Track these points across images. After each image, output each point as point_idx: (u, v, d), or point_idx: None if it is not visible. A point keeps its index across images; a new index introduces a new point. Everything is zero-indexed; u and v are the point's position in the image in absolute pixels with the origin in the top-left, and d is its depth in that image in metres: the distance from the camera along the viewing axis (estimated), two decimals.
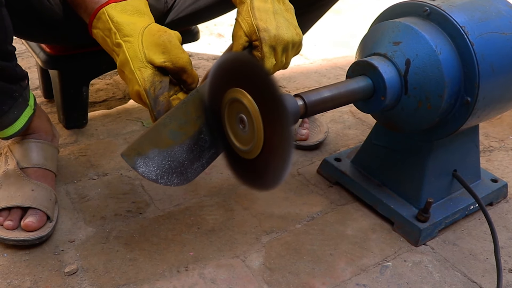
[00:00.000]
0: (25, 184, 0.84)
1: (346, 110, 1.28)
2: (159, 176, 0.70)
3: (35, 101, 0.89)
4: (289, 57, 0.80)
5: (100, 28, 0.72)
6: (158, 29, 0.71)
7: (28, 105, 0.85)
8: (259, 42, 0.74)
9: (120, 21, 0.70)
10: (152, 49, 0.69)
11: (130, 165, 0.69)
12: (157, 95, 0.70)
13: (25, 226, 0.80)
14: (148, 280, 0.77)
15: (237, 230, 0.88)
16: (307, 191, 0.99)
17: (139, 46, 0.69)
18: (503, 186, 0.98)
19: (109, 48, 0.72)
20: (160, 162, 0.70)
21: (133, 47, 0.69)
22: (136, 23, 0.71)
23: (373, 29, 0.83)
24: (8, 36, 0.74)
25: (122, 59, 0.70)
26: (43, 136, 0.91)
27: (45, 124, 0.93)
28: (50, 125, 0.95)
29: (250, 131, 0.65)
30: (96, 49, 1.05)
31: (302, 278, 0.79)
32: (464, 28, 0.76)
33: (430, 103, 0.77)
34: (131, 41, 0.69)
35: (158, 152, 0.70)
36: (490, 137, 1.21)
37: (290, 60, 0.81)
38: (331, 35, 1.80)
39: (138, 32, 0.70)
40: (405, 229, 0.88)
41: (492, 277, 0.81)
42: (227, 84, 0.67)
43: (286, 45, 0.76)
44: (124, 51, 0.69)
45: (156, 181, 0.69)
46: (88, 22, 0.74)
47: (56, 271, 0.77)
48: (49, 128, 0.94)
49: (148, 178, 0.69)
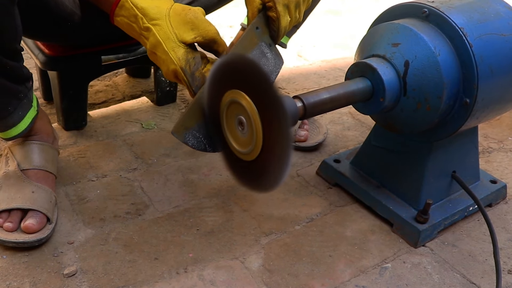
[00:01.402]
0: (25, 185, 0.84)
1: (346, 112, 1.28)
2: (207, 145, 0.76)
3: (38, 102, 0.89)
4: (301, 12, 0.83)
5: (125, 15, 0.75)
6: (182, 8, 0.74)
7: (32, 106, 0.85)
8: (272, 3, 0.77)
9: (145, 6, 0.73)
10: (181, 28, 0.73)
11: (180, 140, 0.74)
12: (193, 71, 0.74)
13: (25, 228, 0.79)
14: (147, 281, 0.77)
15: (236, 231, 0.88)
16: (306, 192, 0.99)
17: (169, 27, 0.73)
18: (502, 187, 0.99)
19: (137, 33, 0.76)
20: (206, 133, 0.75)
21: (163, 29, 0.73)
22: (160, 6, 0.74)
23: (372, 31, 0.83)
24: (18, 35, 0.75)
25: (153, 41, 0.73)
26: (45, 138, 0.91)
27: (46, 126, 0.93)
28: (51, 127, 0.95)
29: (249, 133, 0.65)
30: (95, 50, 1.05)
31: (301, 280, 0.79)
32: (463, 29, 0.76)
33: (429, 105, 0.77)
34: (159, 23, 0.73)
35: (202, 124, 0.75)
36: (489, 138, 1.22)
37: (303, 14, 0.84)
38: (331, 36, 1.80)
39: (164, 14, 0.73)
40: (404, 230, 0.88)
41: (491, 278, 0.81)
42: (226, 86, 0.67)
43: (298, 1, 0.80)
44: (155, 34, 0.73)
45: (205, 150, 0.75)
46: (109, 12, 0.76)
47: (55, 273, 0.77)
48: (50, 130, 0.94)
49: (198, 149, 0.75)
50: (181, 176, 1.01)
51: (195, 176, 1.01)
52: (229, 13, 1.11)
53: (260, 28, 0.80)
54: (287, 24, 0.80)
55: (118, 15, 0.76)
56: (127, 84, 1.36)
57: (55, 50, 1.02)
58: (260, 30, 0.80)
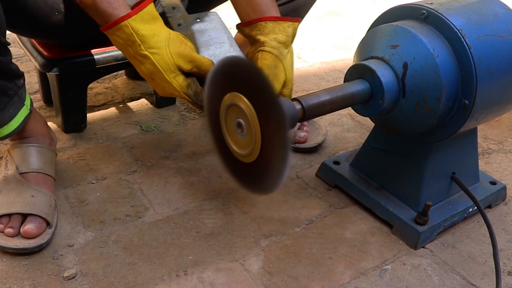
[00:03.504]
0: (25, 190, 0.84)
1: (345, 113, 1.29)
2: None
3: (32, 102, 0.89)
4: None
5: (122, 37, 0.77)
6: (180, 41, 0.80)
7: (24, 104, 0.84)
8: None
9: (145, 34, 0.76)
10: (180, 59, 0.79)
11: None
12: (195, 91, 0.81)
13: (24, 233, 0.79)
14: (147, 284, 0.77)
15: (236, 234, 0.88)
16: (306, 194, 0.99)
17: (169, 58, 0.78)
18: (502, 189, 0.98)
19: (130, 55, 0.79)
20: None
21: (164, 60, 0.77)
22: (159, 34, 0.78)
23: (371, 33, 0.84)
24: (2, 27, 0.74)
25: (152, 69, 0.78)
26: (41, 139, 0.91)
27: (42, 127, 0.93)
28: (47, 128, 0.95)
29: (248, 135, 0.65)
30: (95, 52, 1.05)
31: (301, 282, 0.79)
32: (461, 31, 0.76)
33: (428, 106, 0.77)
34: (159, 53, 0.77)
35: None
36: (488, 140, 1.22)
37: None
38: (330, 38, 1.80)
39: (164, 44, 0.77)
40: (404, 232, 0.88)
41: (491, 279, 0.81)
42: (225, 88, 0.67)
43: None
44: (154, 63, 0.77)
45: None
46: (102, 26, 0.78)
47: (55, 275, 0.77)
48: (46, 131, 0.94)
49: None
50: (180, 179, 1.01)
51: (194, 178, 1.01)
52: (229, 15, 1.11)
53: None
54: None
55: (113, 34, 0.78)
56: (126, 86, 1.36)
57: (54, 52, 1.02)
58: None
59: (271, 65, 0.83)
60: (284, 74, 0.85)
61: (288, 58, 0.87)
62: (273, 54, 0.84)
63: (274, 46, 0.84)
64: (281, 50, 0.85)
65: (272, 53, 0.84)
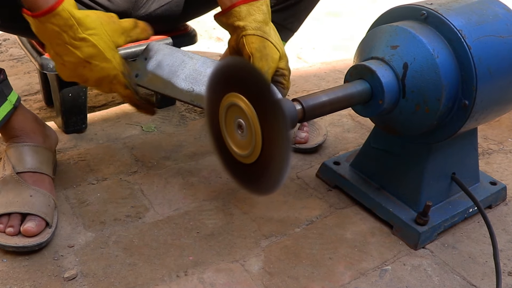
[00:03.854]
0: (23, 190, 0.84)
1: (345, 114, 1.29)
2: None
3: (19, 99, 0.88)
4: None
5: (59, 24, 0.73)
6: (108, 16, 0.78)
7: (6, 99, 0.84)
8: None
9: (80, 16, 0.74)
10: (115, 34, 0.77)
11: None
12: (129, 73, 0.80)
13: (24, 231, 0.80)
14: (147, 285, 0.77)
15: (236, 234, 0.88)
16: (306, 194, 0.99)
17: (107, 36, 0.76)
18: (502, 189, 0.98)
19: (62, 43, 0.74)
20: None
21: (102, 39, 0.75)
22: (90, 15, 0.75)
23: (371, 33, 0.84)
24: None
25: (92, 51, 0.75)
26: (32, 136, 0.91)
27: (31, 124, 0.92)
28: (38, 125, 0.94)
29: (248, 136, 0.65)
30: None
31: (301, 282, 0.79)
32: (461, 31, 0.76)
33: (428, 107, 0.77)
34: (97, 33, 0.75)
35: None
36: (488, 140, 1.22)
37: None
38: (330, 38, 1.80)
39: (98, 23, 0.75)
40: (404, 232, 0.88)
41: (492, 280, 0.81)
42: (225, 89, 0.67)
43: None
44: (95, 44, 0.74)
45: None
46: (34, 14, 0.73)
47: (55, 276, 0.77)
48: (36, 128, 0.93)
49: None
50: (181, 179, 1.01)
51: (195, 179, 1.01)
52: None
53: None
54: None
55: (47, 22, 0.73)
56: None
57: None
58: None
59: (260, 47, 0.81)
60: (277, 51, 0.83)
61: (273, 34, 0.84)
62: (257, 35, 0.82)
63: (256, 27, 0.82)
64: (264, 29, 0.82)
65: (256, 34, 0.81)
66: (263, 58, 0.81)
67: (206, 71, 0.86)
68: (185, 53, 0.88)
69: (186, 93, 0.85)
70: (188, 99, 0.85)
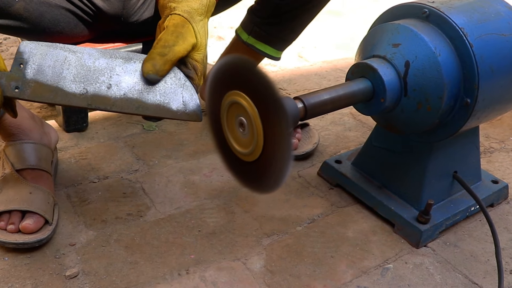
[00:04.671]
0: (23, 187, 0.84)
1: (347, 112, 1.28)
2: None
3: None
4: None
5: None
6: None
7: None
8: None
9: None
10: None
11: None
12: (8, 88, 0.69)
13: (23, 228, 0.80)
14: (149, 283, 0.77)
15: (238, 232, 0.88)
16: (308, 193, 0.99)
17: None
18: (504, 187, 0.98)
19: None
20: None
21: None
22: None
23: (373, 31, 0.83)
24: None
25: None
26: (29, 134, 0.91)
27: (27, 122, 0.92)
28: (35, 122, 0.94)
29: (249, 134, 0.65)
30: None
31: (303, 281, 0.79)
32: (463, 29, 0.76)
33: (429, 105, 0.77)
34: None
35: None
36: (490, 138, 1.21)
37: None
38: (331, 37, 1.80)
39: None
40: (406, 231, 0.88)
41: (494, 278, 0.81)
42: (226, 87, 0.67)
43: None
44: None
45: None
46: None
47: (57, 274, 0.77)
48: (33, 125, 0.93)
49: None
50: (182, 178, 1.01)
51: (196, 178, 1.01)
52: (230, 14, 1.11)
53: None
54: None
55: None
56: None
57: None
58: None
59: (178, 24, 0.75)
60: (194, 37, 0.76)
61: (201, 25, 0.78)
62: (182, 16, 0.76)
63: (185, 10, 0.77)
64: (193, 15, 0.77)
65: (182, 15, 0.76)
66: (174, 34, 0.74)
67: (95, 64, 0.72)
68: (65, 47, 0.73)
69: (80, 97, 0.70)
70: (85, 104, 0.70)
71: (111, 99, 0.70)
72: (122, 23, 0.95)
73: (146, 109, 0.71)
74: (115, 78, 0.71)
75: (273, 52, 1.06)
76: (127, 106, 0.71)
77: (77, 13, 0.89)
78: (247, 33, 1.04)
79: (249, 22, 1.04)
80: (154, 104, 0.71)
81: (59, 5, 0.86)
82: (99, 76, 0.71)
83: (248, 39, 1.04)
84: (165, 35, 0.72)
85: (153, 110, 0.71)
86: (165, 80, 0.72)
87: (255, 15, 1.02)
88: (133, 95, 0.71)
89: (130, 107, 0.71)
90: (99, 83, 0.70)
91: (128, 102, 0.70)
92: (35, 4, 0.84)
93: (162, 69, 0.70)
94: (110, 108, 0.70)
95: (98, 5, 0.90)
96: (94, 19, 0.91)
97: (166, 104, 0.71)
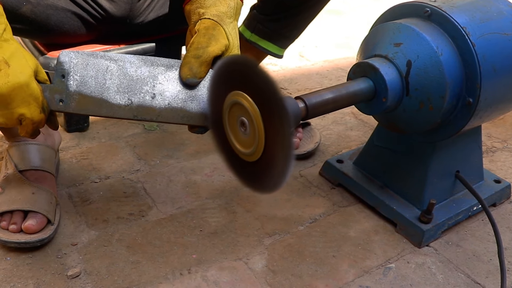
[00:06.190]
0: (25, 187, 0.84)
1: (348, 112, 1.28)
2: None
3: None
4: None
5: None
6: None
7: None
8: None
9: (5, 21, 0.67)
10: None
11: None
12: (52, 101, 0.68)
13: (25, 228, 0.80)
14: (151, 283, 0.77)
15: (239, 232, 0.88)
16: (310, 193, 0.99)
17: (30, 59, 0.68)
18: (506, 187, 0.98)
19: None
20: None
21: (25, 56, 0.67)
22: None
23: (374, 31, 0.83)
24: None
25: (13, 49, 0.65)
26: None
27: None
28: None
29: (251, 133, 0.65)
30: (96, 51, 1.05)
31: (305, 280, 0.79)
32: (465, 29, 0.76)
33: (431, 104, 0.77)
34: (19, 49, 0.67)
35: None
36: (492, 138, 1.21)
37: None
38: (333, 36, 1.80)
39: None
40: (408, 230, 0.88)
41: (496, 278, 0.81)
42: (228, 87, 0.67)
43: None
44: (18, 48, 0.66)
45: None
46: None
47: (59, 274, 0.77)
48: None
49: None
50: (184, 177, 1.01)
51: (198, 177, 1.01)
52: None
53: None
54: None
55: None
56: None
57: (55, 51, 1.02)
58: None
59: (209, 27, 0.75)
60: (226, 39, 0.76)
61: (232, 27, 0.78)
62: (213, 19, 0.76)
63: (215, 14, 0.77)
64: (223, 18, 0.77)
65: (212, 19, 0.76)
66: (206, 36, 0.73)
67: (137, 73, 0.69)
68: (105, 55, 0.70)
69: (125, 108, 0.68)
70: (131, 115, 0.68)
71: (156, 110, 0.68)
72: (127, 25, 0.95)
73: (191, 118, 0.70)
74: (159, 87, 0.69)
75: (276, 50, 1.06)
76: (172, 116, 0.69)
77: (83, 16, 0.89)
78: (250, 31, 1.04)
79: (252, 20, 1.04)
80: (198, 113, 0.70)
81: (65, 8, 0.85)
82: (142, 86, 0.68)
83: (251, 37, 1.04)
84: (197, 38, 0.72)
85: (197, 119, 0.70)
86: (205, 86, 0.71)
87: (259, 12, 1.02)
88: (177, 104, 0.69)
89: (175, 117, 0.69)
90: (143, 93, 0.68)
91: (173, 111, 0.69)
92: (42, 7, 0.84)
93: (199, 71, 0.70)
94: (156, 119, 0.69)
95: (106, 7, 0.90)
96: (100, 21, 0.91)
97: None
